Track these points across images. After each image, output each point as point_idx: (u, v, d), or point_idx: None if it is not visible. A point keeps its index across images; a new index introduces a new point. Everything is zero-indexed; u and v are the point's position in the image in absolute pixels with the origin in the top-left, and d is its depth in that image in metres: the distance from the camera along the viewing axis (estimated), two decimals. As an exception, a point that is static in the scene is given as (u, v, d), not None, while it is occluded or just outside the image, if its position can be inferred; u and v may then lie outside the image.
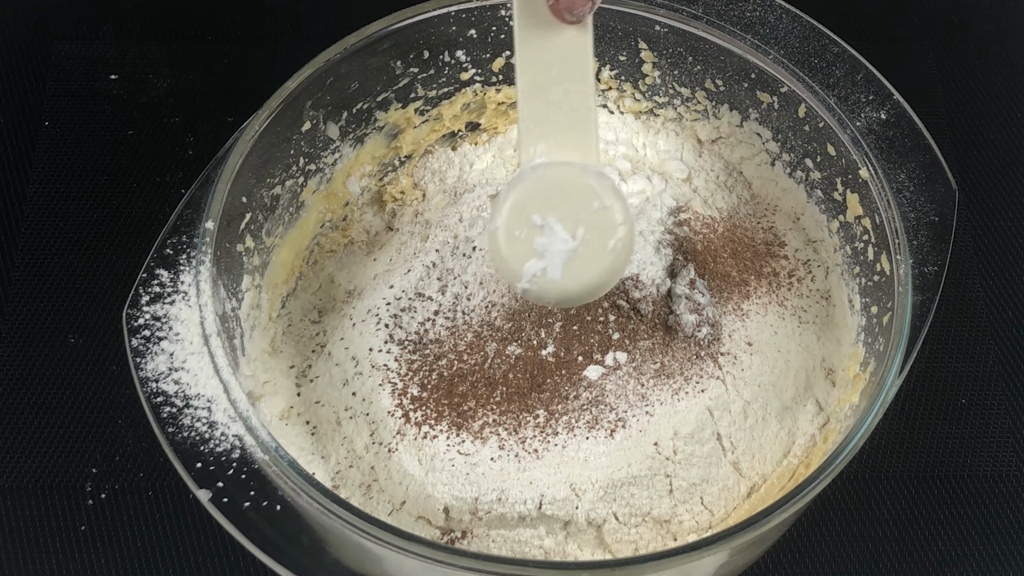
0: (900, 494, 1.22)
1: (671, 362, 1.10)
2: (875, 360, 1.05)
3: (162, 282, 1.04)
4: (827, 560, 1.18)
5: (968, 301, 1.34)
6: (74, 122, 1.44)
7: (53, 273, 1.33)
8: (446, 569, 0.90)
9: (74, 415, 1.24)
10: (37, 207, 1.37)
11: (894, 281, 1.05)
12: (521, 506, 1.04)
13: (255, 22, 1.55)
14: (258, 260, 1.15)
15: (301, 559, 0.92)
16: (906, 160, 1.11)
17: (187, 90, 1.48)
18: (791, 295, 1.18)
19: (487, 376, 1.09)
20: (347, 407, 1.10)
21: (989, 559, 1.19)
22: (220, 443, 0.96)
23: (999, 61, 1.53)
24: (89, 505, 1.19)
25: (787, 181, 1.24)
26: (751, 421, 1.10)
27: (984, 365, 1.30)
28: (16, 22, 1.53)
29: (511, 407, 1.08)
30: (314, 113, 1.17)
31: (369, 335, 1.12)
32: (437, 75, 1.24)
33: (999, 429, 1.25)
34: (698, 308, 1.12)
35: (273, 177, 1.15)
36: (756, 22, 1.18)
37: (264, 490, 0.94)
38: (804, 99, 1.16)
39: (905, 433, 1.25)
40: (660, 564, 0.89)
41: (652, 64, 1.25)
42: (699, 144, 1.29)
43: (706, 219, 1.22)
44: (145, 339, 1.01)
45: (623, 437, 1.07)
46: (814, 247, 1.22)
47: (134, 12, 1.55)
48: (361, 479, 1.08)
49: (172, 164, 1.41)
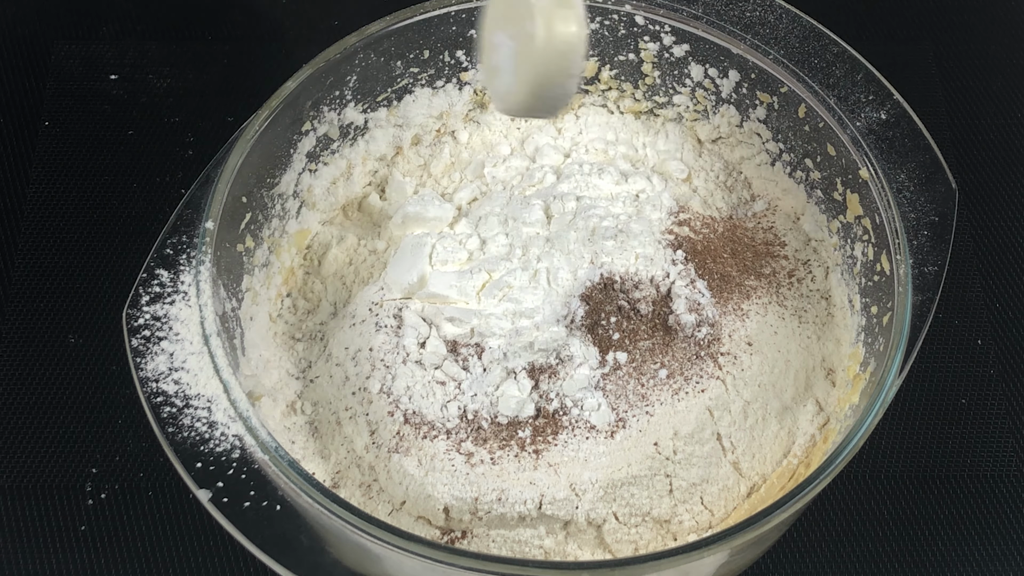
0: (900, 494, 1.22)
1: (671, 362, 1.11)
2: (875, 360, 1.05)
3: (162, 282, 1.04)
4: (827, 560, 1.19)
5: (968, 301, 1.34)
6: (74, 122, 1.45)
7: (53, 273, 1.33)
8: (446, 569, 0.90)
9: (74, 415, 1.24)
10: (37, 207, 1.38)
11: (894, 281, 1.05)
12: (521, 506, 1.04)
13: (255, 23, 1.56)
14: (258, 260, 1.15)
15: (301, 559, 0.93)
16: (906, 160, 1.12)
17: (187, 90, 1.48)
18: (791, 295, 1.18)
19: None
20: (347, 407, 1.10)
21: (989, 559, 1.19)
22: (220, 443, 0.96)
23: (999, 61, 1.54)
24: (89, 505, 1.19)
25: (787, 181, 1.24)
26: (751, 421, 1.10)
27: (984, 365, 1.30)
28: (16, 22, 1.53)
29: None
30: (314, 113, 1.18)
31: (369, 335, 1.12)
32: (437, 75, 1.25)
33: (999, 429, 1.26)
34: (698, 308, 1.12)
35: (273, 177, 1.16)
36: (756, 22, 1.19)
37: (264, 490, 0.94)
38: (804, 99, 1.16)
39: (905, 433, 1.25)
40: (660, 564, 0.90)
41: (652, 64, 1.26)
42: (699, 144, 1.29)
43: (706, 219, 1.22)
44: (145, 339, 1.01)
45: (623, 437, 1.07)
46: (814, 247, 1.22)
47: (134, 12, 1.55)
48: (361, 479, 1.08)
49: (172, 164, 1.41)
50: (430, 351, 1.11)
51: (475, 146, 1.30)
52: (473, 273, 1.14)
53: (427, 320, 1.13)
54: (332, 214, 1.25)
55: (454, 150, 1.29)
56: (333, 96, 1.19)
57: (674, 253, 1.16)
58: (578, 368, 1.09)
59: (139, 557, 1.17)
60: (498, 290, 1.13)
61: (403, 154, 1.28)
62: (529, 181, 1.24)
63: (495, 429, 1.07)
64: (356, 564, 0.94)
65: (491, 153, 1.29)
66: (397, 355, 1.10)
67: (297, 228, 1.21)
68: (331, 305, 1.20)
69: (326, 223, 1.25)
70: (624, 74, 1.28)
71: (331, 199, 1.24)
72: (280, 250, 1.19)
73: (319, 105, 1.18)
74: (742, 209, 1.25)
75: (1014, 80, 1.51)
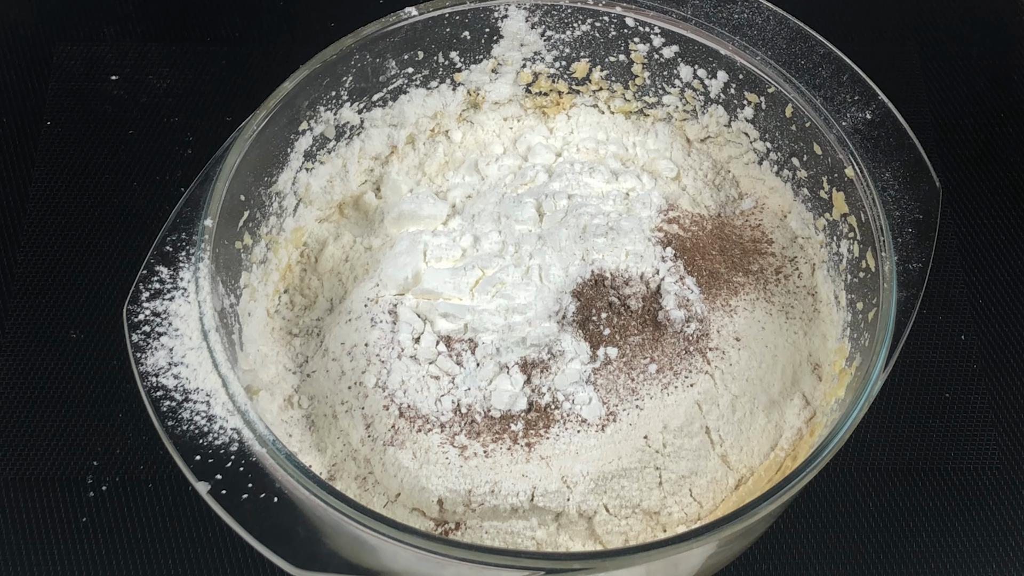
0: (885, 486, 1.23)
1: (660, 357, 1.11)
2: (860, 355, 1.06)
3: (162, 279, 1.05)
4: (813, 550, 1.20)
5: (952, 297, 1.35)
6: (75, 122, 1.46)
7: (55, 270, 1.34)
8: (440, 559, 0.91)
9: (75, 409, 1.25)
10: (39, 205, 1.39)
11: (879, 277, 1.06)
12: (514, 498, 1.05)
13: (253, 24, 1.56)
14: (256, 256, 1.16)
15: (298, 550, 0.92)
16: (891, 159, 1.12)
17: (186, 90, 1.49)
18: (778, 291, 1.19)
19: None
20: (343, 401, 1.11)
21: (971, 550, 1.20)
22: (219, 436, 0.97)
23: (982, 62, 1.54)
24: (90, 497, 1.20)
25: (774, 180, 1.25)
26: (739, 415, 1.11)
27: (967, 360, 1.31)
28: (19, 24, 1.54)
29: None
30: (311, 113, 1.18)
31: (364, 330, 1.13)
32: (431, 76, 1.26)
33: (982, 423, 1.27)
34: (687, 304, 1.13)
35: (271, 175, 1.16)
36: (744, 24, 1.19)
37: (262, 482, 0.94)
38: (791, 99, 1.17)
39: (890, 426, 1.26)
40: (650, 555, 0.90)
41: (642, 65, 1.26)
42: (688, 143, 1.30)
43: (695, 217, 1.22)
44: (145, 335, 1.02)
45: (614, 431, 1.08)
46: (800, 244, 1.22)
47: (135, 14, 1.56)
48: (357, 471, 1.09)
49: (172, 163, 1.42)
50: (424, 346, 1.11)
51: (468, 145, 1.30)
52: (467, 270, 1.15)
53: (421, 316, 1.14)
54: (329, 212, 1.26)
55: (448, 149, 1.30)
56: (329, 96, 1.19)
57: (663, 250, 1.17)
58: (569, 363, 1.10)
59: (139, 548, 1.18)
60: (491, 286, 1.14)
61: (398, 153, 1.28)
62: (522, 179, 1.24)
63: (488, 423, 1.08)
64: (352, 555, 0.94)
65: (484, 152, 1.29)
66: (392, 350, 1.11)
67: (294, 226, 1.22)
68: (327, 301, 1.21)
69: (323, 221, 1.25)
70: (615, 75, 1.28)
71: (327, 197, 1.25)
72: (278, 247, 1.19)
73: (316, 105, 1.19)
74: (730, 207, 1.26)
75: (997, 80, 1.52)
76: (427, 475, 1.06)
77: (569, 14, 1.23)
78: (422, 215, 1.21)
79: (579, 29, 1.24)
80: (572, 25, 1.24)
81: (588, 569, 0.91)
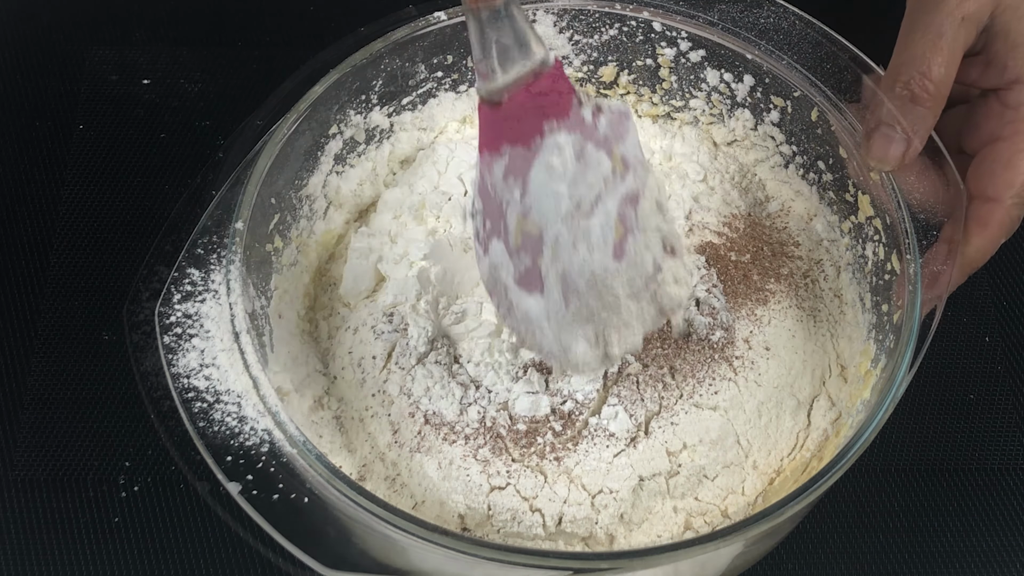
0: (909, 487, 1.23)
1: (683, 365, 1.11)
2: (886, 357, 1.05)
3: (193, 281, 1.05)
4: (838, 551, 1.20)
5: (976, 299, 1.35)
6: (108, 125, 1.46)
7: (87, 272, 1.35)
8: (470, 560, 0.91)
9: (108, 410, 1.25)
10: (72, 208, 1.40)
11: (904, 280, 1.05)
12: (539, 528, 1.05)
13: (284, 29, 1.57)
14: (286, 259, 1.16)
15: (328, 550, 0.92)
16: (915, 161, 1.12)
17: (217, 94, 1.50)
18: (807, 295, 1.19)
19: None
20: (367, 407, 1.11)
21: (996, 550, 1.20)
22: (250, 437, 0.97)
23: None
24: (122, 497, 1.21)
25: (800, 183, 1.25)
26: (765, 420, 1.11)
27: (992, 362, 1.31)
28: (52, 28, 1.55)
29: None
30: (340, 116, 1.19)
31: (374, 339, 1.14)
32: (460, 80, 1.26)
33: (1006, 423, 1.27)
34: (712, 311, 1.13)
35: (301, 179, 1.17)
36: (770, 28, 1.19)
37: (292, 483, 0.94)
38: (816, 103, 1.17)
39: (915, 427, 1.27)
40: (677, 555, 0.90)
41: (669, 69, 1.26)
42: (715, 147, 1.30)
43: (722, 220, 1.23)
44: (177, 336, 1.02)
45: (645, 447, 1.07)
46: (826, 247, 1.22)
47: (166, 19, 1.57)
48: (386, 473, 1.08)
49: (203, 166, 1.42)
50: (444, 352, 1.11)
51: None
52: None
53: (435, 323, 1.13)
54: (358, 214, 1.26)
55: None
56: (359, 100, 1.20)
57: (697, 259, 1.17)
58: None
59: (170, 547, 1.18)
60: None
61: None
62: (548, 182, 1.24)
63: (514, 436, 1.07)
64: (382, 555, 0.94)
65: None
66: (410, 357, 1.11)
67: (324, 228, 1.22)
68: (355, 303, 1.20)
69: (352, 223, 1.26)
70: (642, 79, 1.29)
71: (357, 200, 1.25)
72: (308, 250, 1.20)
73: (346, 109, 1.19)
74: (757, 210, 1.26)
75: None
76: (448, 490, 1.06)
77: (597, 19, 1.24)
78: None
79: (607, 33, 1.25)
80: (600, 30, 1.25)
81: (616, 569, 0.91)
